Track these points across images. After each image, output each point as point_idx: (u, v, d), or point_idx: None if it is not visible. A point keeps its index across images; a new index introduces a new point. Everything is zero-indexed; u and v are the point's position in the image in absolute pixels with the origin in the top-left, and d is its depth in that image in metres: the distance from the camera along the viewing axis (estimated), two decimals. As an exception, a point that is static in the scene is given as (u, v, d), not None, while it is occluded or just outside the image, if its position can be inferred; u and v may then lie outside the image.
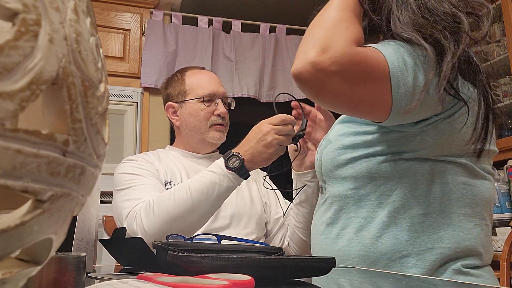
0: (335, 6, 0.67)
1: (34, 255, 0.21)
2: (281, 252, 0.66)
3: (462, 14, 0.64)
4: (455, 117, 0.68)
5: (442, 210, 0.69)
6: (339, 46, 0.60)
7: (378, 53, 0.63)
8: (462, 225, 0.70)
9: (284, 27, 2.95)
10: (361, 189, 0.74)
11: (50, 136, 0.17)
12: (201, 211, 0.91)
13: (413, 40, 0.63)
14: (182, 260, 0.47)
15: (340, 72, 0.60)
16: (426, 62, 0.63)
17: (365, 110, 0.66)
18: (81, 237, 0.60)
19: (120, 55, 2.56)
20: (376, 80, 0.61)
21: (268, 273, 0.50)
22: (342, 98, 0.63)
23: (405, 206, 0.70)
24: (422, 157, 0.70)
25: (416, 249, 0.69)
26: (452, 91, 0.64)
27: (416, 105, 0.62)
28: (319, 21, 0.67)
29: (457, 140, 0.69)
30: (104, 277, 0.57)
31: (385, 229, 0.70)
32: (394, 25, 0.67)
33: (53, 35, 0.17)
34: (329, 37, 0.62)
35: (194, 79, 1.21)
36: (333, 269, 0.55)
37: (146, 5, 2.66)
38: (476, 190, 0.71)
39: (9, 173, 0.16)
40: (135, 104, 2.50)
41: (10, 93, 0.15)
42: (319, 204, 0.85)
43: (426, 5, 0.66)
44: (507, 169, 2.18)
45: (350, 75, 0.61)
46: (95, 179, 0.22)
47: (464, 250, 0.69)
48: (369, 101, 0.63)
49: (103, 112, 0.22)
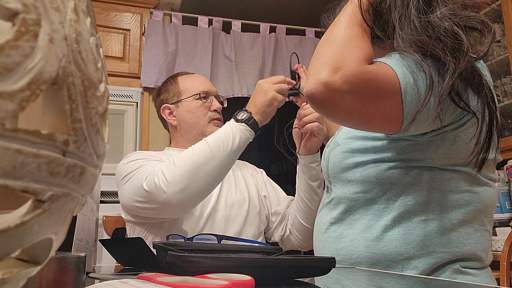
0: (344, 23, 0.68)
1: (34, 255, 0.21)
2: (281, 252, 0.66)
3: (463, 31, 0.64)
4: (463, 128, 0.69)
5: (444, 216, 0.70)
6: (350, 65, 0.61)
7: (389, 69, 0.63)
8: (462, 231, 0.70)
9: (284, 27, 2.95)
10: (368, 193, 0.75)
11: (50, 136, 0.17)
12: (220, 160, 0.96)
13: (415, 61, 0.64)
14: (182, 260, 0.47)
15: (352, 91, 0.61)
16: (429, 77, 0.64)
17: (377, 125, 0.66)
18: (81, 237, 0.60)
19: (120, 55, 2.56)
20: (388, 96, 0.62)
21: (268, 273, 0.50)
22: (355, 116, 0.64)
23: (409, 212, 0.71)
24: (429, 165, 0.71)
25: (417, 252, 0.69)
26: (462, 104, 0.65)
27: (415, 119, 0.63)
28: (328, 39, 0.67)
29: (464, 150, 0.70)
30: (104, 277, 0.57)
31: (389, 232, 0.71)
32: (397, 43, 0.67)
33: (53, 35, 0.17)
34: (339, 56, 0.62)
35: (187, 81, 1.24)
36: (333, 269, 0.55)
37: (146, 5, 2.66)
38: (478, 197, 0.72)
39: (9, 173, 0.16)
40: (135, 104, 2.50)
41: (10, 93, 0.15)
42: (323, 202, 0.86)
43: (429, 22, 0.66)
44: (507, 169, 2.19)
45: (362, 94, 0.61)
46: (95, 179, 0.22)
47: (464, 254, 0.70)
48: (381, 117, 0.64)
49: (103, 112, 0.22)
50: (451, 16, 0.66)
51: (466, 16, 0.67)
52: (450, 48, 0.63)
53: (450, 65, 0.62)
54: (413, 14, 0.67)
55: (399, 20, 0.68)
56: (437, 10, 0.67)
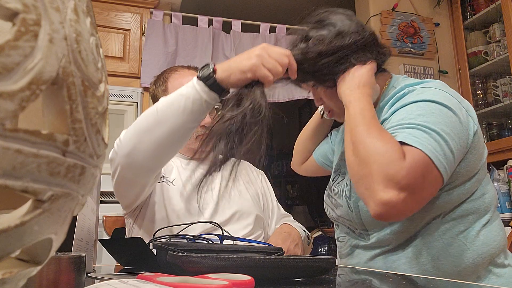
0: (363, 130, 0.72)
1: (34, 255, 0.21)
2: (281, 252, 0.66)
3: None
4: (474, 143, 0.75)
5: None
6: (395, 173, 0.65)
7: (416, 151, 0.67)
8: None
9: (284, 27, 2.95)
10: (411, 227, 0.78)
11: (50, 136, 0.17)
12: (168, 124, 0.83)
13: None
14: (182, 260, 0.47)
15: (409, 194, 0.65)
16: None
17: (432, 196, 0.71)
18: (81, 237, 0.60)
19: (120, 55, 2.56)
20: (429, 174, 0.67)
21: (268, 273, 0.50)
22: (419, 207, 0.68)
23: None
24: (456, 186, 0.76)
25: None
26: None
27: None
28: (361, 156, 0.70)
29: (478, 162, 0.76)
30: (104, 277, 0.57)
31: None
32: None
33: (53, 35, 0.17)
34: (381, 168, 0.66)
35: (177, 82, 1.14)
36: (333, 269, 0.55)
37: (146, 5, 2.66)
38: (490, 195, 0.79)
39: (9, 173, 0.16)
40: (135, 104, 2.50)
41: (10, 93, 0.15)
42: (354, 246, 0.87)
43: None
44: (507, 169, 2.19)
45: (417, 189, 0.66)
46: (95, 179, 0.22)
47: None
48: (434, 190, 0.69)
49: (103, 112, 0.22)
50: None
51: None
52: None
53: None
54: None
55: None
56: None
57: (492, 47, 2.51)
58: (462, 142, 0.71)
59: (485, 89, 2.58)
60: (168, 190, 1.08)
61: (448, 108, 0.72)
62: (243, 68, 0.79)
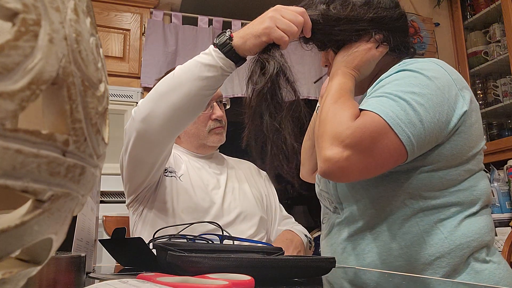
0: (333, 98, 0.74)
1: (34, 255, 0.21)
2: (281, 252, 0.66)
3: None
4: (465, 127, 0.72)
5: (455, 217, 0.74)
6: (341, 131, 0.66)
7: (371, 114, 0.67)
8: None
9: (284, 27, 2.95)
10: (386, 204, 0.76)
11: (50, 136, 0.17)
12: (184, 89, 0.84)
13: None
14: (182, 260, 0.47)
15: (353, 152, 0.65)
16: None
17: (390, 164, 0.69)
18: (81, 237, 0.60)
19: (120, 55, 2.56)
20: (382, 138, 0.65)
21: (268, 273, 0.50)
22: (368, 169, 0.67)
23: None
24: (439, 169, 0.73)
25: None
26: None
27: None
28: (321, 120, 0.72)
29: (467, 148, 0.73)
30: (104, 277, 0.57)
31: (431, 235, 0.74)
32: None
33: (53, 35, 0.17)
34: (332, 127, 0.68)
35: None
36: (333, 269, 0.55)
37: (146, 5, 2.66)
38: (481, 190, 0.76)
39: (9, 173, 0.16)
40: (135, 104, 2.49)
41: (10, 93, 0.15)
42: (331, 224, 0.86)
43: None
44: (507, 169, 2.18)
45: (362, 149, 0.65)
46: (95, 179, 0.22)
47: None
48: (389, 156, 0.67)
49: (103, 112, 0.22)
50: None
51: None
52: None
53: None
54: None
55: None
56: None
57: (492, 47, 2.51)
58: (440, 117, 0.68)
59: (485, 89, 2.58)
60: (177, 184, 1.08)
61: (431, 80, 0.69)
62: (257, 33, 0.79)
